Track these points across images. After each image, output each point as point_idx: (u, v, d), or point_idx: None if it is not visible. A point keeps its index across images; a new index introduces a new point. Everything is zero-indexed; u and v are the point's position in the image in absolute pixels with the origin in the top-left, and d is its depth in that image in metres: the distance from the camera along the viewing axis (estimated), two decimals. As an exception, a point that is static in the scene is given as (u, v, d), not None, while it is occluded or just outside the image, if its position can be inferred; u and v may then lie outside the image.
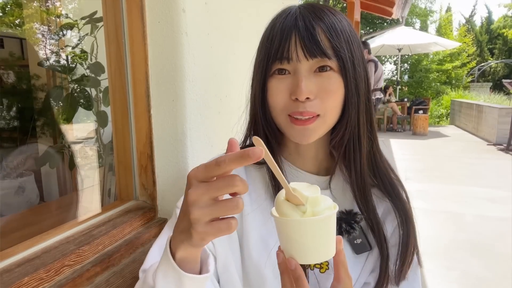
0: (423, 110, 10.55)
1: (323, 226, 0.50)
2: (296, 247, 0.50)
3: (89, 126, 1.99)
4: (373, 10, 5.53)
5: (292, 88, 0.65)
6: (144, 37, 1.04)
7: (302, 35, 0.63)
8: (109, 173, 1.52)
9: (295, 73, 0.65)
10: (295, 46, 0.64)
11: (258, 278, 0.70)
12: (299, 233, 0.49)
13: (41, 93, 2.13)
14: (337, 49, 0.64)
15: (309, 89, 0.64)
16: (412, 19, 18.59)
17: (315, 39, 0.63)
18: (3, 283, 0.66)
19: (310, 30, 0.63)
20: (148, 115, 1.06)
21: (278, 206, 0.51)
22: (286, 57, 0.65)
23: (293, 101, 0.65)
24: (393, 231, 0.74)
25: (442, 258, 3.17)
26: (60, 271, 0.76)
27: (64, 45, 2.01)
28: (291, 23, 0.65)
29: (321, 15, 0.66)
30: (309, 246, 0.50)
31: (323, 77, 0.65)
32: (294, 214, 0.49)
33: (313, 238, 0.50)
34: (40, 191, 1.99)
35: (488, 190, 5.03)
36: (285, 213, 0.49)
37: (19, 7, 2.28)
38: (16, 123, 2.18)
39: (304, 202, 0.49)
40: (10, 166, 1.95)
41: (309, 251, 0.51)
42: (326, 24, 0.64)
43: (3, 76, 2.22)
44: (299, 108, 0.65)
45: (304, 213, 0.49)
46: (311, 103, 0.65)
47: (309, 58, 0.64)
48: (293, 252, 0.51)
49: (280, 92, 0.67)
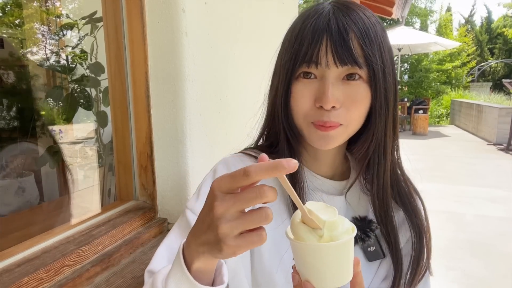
0: (423, 110, 10.55)
1: (341, 251, 0.48)
2: (313, 271, 0.49)
3: (89, 126, 1.99)
4: (373, 10, 5.52)
5: (317, 94, 0.62)
6: (144, 37, 1.04)
7: (335, 40, 0.60)
8: (109, 173, 1.52)
9: (322, 79, 0.62)
10: (326, 50, 0.60)
11: (269, 284, 0.68)
12: (316, 258, 0.48)
13: (41, 93, 2.13)
14: (369, 58, 0.60)
15: (336, 97, 0.61)
16: (412, 19, 18.59)
17: (347, 46, 0.59)
18: (3, 283, 0.66)
19: (343, 35, 0.60)
20: (148, 115, 1.06)
21: (294, 228, 0.48)
22: (315, 61, 0.61)
23: (317, 108, 0.62)
24: (407, 242, 0.73)
25: (442, 258, 3.17)
26: (60, 271, 0.76)
27: (64, 45, 2.01)
28: (324, 25, 0.61)
29: (356, 18, 0.61)
30: (326, 271, 0.48)
31: (351, 85, 0.62)
32: (311, 238, 0.47)
33: (331, 263, 0.48)
34: (40, 191, 1.99)
35: (488, 190, 5.03)
36: (302, 237, 0.47)
37: (19, 7, 2.28)
38: (16, 123, 2.18)
39: (321, 226, 0.47)
40: (10, 166, 1.95)
41: (326, 276, 0.49)
42: (360, 29, 0.60)
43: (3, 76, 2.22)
44: (323, 117, 0.62)
45: (321, 237, 0.47)
46: (336, 113, 0.62)
47: (339, 66, 0.60)
48: (309, 276, 0.49)
49: (304, 97, 0.64)
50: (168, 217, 1.11)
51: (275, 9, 1.76)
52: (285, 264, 0.67)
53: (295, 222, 0.49)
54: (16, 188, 1.83)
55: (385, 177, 0.69)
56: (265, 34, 1.59)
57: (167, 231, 1.10)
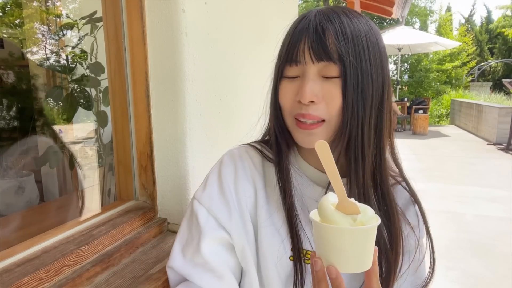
0: (423, 109, 10.55)
1: (370, 236, 0.50)
2: (340, 255, 0.50)
3: (89, 126, 1.99)
4: (373, 9, 5.52)
5: (298, 90, 0.66)
6: (144, 37, 1.04)
7: (311, 38, 0.63)
8: (109, 173, 1.52)
9: (303, 76, 0.66)
10: (303, 49, 0.64)
11: (267, 270, 0.72)
12: (348, 241, 0.49)
13: (41, 93, 2.13)
14: (342, 53, 0.62)
15: (314, 92, 0.64)
16: (412, 18, 18.59)
17: (322, 43, 0.63)
18: (3, 283, 0.66)
19: (320, 33, 0.63)
20: (148, 115, 1.06)
21: (326, 212, 0.50)
22: (295, 60, 0.65)
23: (298, 103, 0.66)
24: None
25: (442, 258, 3.17)
26: (60, 271, 0.76)
27: (64, 45, 2.01)
28: (304, 27, 0.65)
29: (335, 18, 0.64)
30: (355, 255, 0.50)
31: (330, 82, 0.64)
32: (344, 222, 0.49)
33: (361, 246, 0.50)
34: (40, 191, 1.99)
35: (488, 190, 5.03)
36: (335, 221, 0.50)
37: (19, 7, 2.28)
38: (16, 123, 2.18)
39: (358, 212, 0.50)
40: (10, 166, 1.95)
41: (353, 260, 0.51)
42: (336, 28, 0.63)
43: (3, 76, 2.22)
44: (302, 110, 0.65)
45: (354, 221, 0.50)
46: (315, 107, 0.64)
47: (315, 61, 0.64)
48: (334, 260, 0.51)
49: (287, 93, 0.68)
50: (168, 217, 1.11)
51: (275, 9, 1.76)
52: (281, 253, 0.71)
53: (328, 207, 0.51)
54: (16, 188, 1.84)
55: (365, 178, 0.68)
56: (265, 34, 1.59)
57: (167, 231, 1.11)
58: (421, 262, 0.75)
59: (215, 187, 0.74)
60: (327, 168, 0.49)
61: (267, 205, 0.74)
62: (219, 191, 0.74)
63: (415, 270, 0.74)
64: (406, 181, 0.77)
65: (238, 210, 0.73)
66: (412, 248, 0.73)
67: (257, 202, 0.74)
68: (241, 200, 0.73)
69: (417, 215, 0.76)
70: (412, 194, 0.77)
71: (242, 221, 0.73)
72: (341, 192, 0.50)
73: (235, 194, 0.74)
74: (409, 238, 0.73)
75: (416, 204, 0.76)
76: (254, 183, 0.75)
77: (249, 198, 0.74)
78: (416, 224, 0.75)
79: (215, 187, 0.74)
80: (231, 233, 0.72)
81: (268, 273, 0.72)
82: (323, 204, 0.52)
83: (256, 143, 0.81)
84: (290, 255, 0.71)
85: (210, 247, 0.71)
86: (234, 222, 0.72)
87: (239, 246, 0.72)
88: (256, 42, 1.52)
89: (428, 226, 0.76)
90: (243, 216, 0.73)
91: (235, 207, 0.73)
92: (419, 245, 0.75)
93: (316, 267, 0.53)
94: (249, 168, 0.76)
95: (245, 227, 0.73)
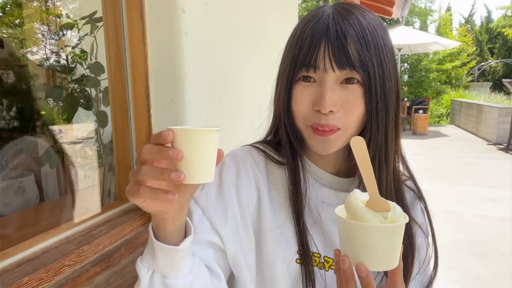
0: (423, 109, 10.56)
1: (400, 233, 0.50)
2: (370, 253, 0.50)
3: (89, 126, 1.99)
4: (373, 9, 5.52)
5: (315, 98, 0.63)
6: (144, 37, 1.04)
7: (333, 45, 0.60)
8: (109, 173, 1.52)
9: (321, 83, 0.63)
10: (324, 55, 0.61)
11: (272, 275, 0.70)
12: (379, 239, 0.49)
13: (41, 93, 2.13)
14: (366, 62, 0.60)
15: (333, 101, 0.61)
16: (412, 18, 18.59)
17: (345, 50, 0.60)
18: (3, 283, 0.66)
19: (341, 39, 0.60)
20: (148, 115, 1.06)
21: (356, 210, 0.50)
22: (314, 66, 0.62)
23: (315, 112, 0.63)
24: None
25: (443, 258, 3.17)
26: (60, 271, 0.76)
27: (64, 45, 2.01)
28: (322, 29, 0.62)
29: (354, 22, 0.62)
30: (385, 253, 0.50)
31: (349, 89, 0.62)
32: (375, 219, 0.49)
33: (391, 244, 0.50)
34: (40, 191, 1.99)
35: (488, 190, 5.03)
36: (366, 218, 0.49)
37: (19, 7, 2.28)
38: (16, 123, 2.17)
39: (389, 209, 0.50)
40: (10, 166, 1.95)
41: (383, 258, 0.50)
42: (357, 34, 0.61)
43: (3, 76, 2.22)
44: (320, 121, 0.63)
45: (385, 219, 0.49)
46: (333, 116, 0.63)
47: (336, 70, 0.61)
48: (364, 258, 0.50)
49: (303, 100, 0.65)
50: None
51: (275, 9, 1.76)
52: (287, 256, 0.69)
53: (357, 205, 0.51)
54: (16, 188, 1.83)
55: (387, 183, 0.68)
56: (265, 34, 1.59)
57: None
58: (429, 260, 0.75)
59: (213, 189, 0.72)
60: (361, 164, 0.49)
61: (272, 208, 0.71)
62: (217, 193, 0.71)
63: (424, 269, 0.74)
64: (413, 178, 0.77)
65: (239, 215, 0.70)
66: (421, 246, 0.73)
67: (260, 205, 0.71)
68: (242, 204, 0.71)
69: (423, 212, 0.76)
70: (419, 191, 0.76)
71: (242, 226, 0.70)
72: (373, 189, 0.50)
73: (236, 199, 0.71)
74: (417, 236, 0.72)
75: (422, 201, 0.76)
76: (257, 186, 0.72)
77: (251, 201, 0.72)
78: (423, 221, 0.75)
79: (213, 188, 0.72)
80: (224, 238, 0.68)
81: (274, 277, 0.69)
82: (352, 201, 0.51)
83: (259, 143, 0.78)
84: (296, 258, 0.69)
85: (199, 250, 0.67)
86: (229, 226, 0.69)
87: (231, 252, 0.69)
88: (256, 42, 1.51)
89: (432, 224, 0.76)
90: (244, 220, 0.70)
91: (234, 212, 0.70)
92: (428, 245, 0.75)
93: (344, 265, 0.51)
94: (251, 170, 0.73)
95: (245, 232, 0.70)
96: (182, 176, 0.45)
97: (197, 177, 0.47)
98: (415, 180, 0.77)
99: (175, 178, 0.45)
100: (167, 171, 0.46)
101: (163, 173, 0.46)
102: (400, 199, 0.71)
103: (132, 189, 0.49)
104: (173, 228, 0.56)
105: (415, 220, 0.73)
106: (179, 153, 0.45)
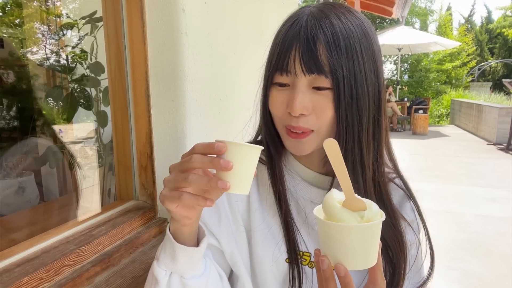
0: (423, 109, 10.56)
1: (377, 231, 0.51)
2: (348, 252, 0.50)
3: (89, 126, 1.99)
4: (373, 9, 5.52)
5: (288, 101, 0.64)
6: (144, 37, 1.04)
7: (302, 49, 0.61)
8: (109, 173, 1.52)
9: (293, 86, 0.64)
10: (294, 59, 0.62)
11: (262, 272, 0.71)
12: (357, 238, 0.49)
13: (41, 92, 2.13)
14: (334, 67, 0.60)
15: (304, 105, 0.62)
16: (412, 18, 18.58)
17: (314, 55, 0.60)
18: (3, 283, 0.66)
19: (311, 43, 0.60)
20: (148, 115, 1.06)
21: (333, 211, 0.50)
22: (286, 70, 0.63)
23: (289, 114, 0.64)
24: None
25: (443, 258, 3.17)
26: (60, 271, 0.76)
27: (64, 45, 2.01)
28: (295, 33, 0.62)
29: (327, 25, 0.61)
30: (363, 252, 0.50)
31: (320, 94, 0.63)
32: (352, 219, 0.50)
33: (369, 242, 0.50)
34: (40, 191, 1.99)
35: (488, 190, 5.03)
36: (343, 219, 0.50)
37: (19, 7, 2.28)
38: (16, 123, 2.17)
39: (366, 208, 0.50)
40: (10, 166, 1.95)
41: (362, 257, 0.51)
42: (328, 36, 0.60)
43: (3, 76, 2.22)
44: (292, 122, 0.64)
45: (362, 218, 0.50)
46: (305, 119, 0.63)
47: (306, 74, 0.62)
48: (342, 258, 0.50)
49: (277, 102, 0.66)
50: (168, 217, 1.11)
51: (275, 9, 1.76)
52: (276, 255, 0.70)
53: (334, 205, 0.51)
54: (16, 188, 1.84)
55: (367, 186, 0.68)
56: (265, 34, 1.59)
57: (167, 231, 1.10)
58: (422, 260, 0.75)
59: None
60: (336, 166, 0.49)
61: (261, 208, 0.73)
62: None
63: (417, 268, 0.74)
64: (401, 177, 0.77)
65: (230, 215, 0.73)
66: (411, 244, 0.73)
67: (250, 206, 0.73)
68: (232, 205, 0.73)
69: (413, 210, 0.76)
70: (407, 190, 0.77)
71: (234, 226, 0.72)
72: (348, 190, 0.50)
73: (226, 200, 0.73)
74: (406, 234, 0.73)
75: (411, 199, 0.76)
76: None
77: (241, 202, 0.74)
78: (413, 218, 0.76)
79: None
80: (220, 239, 0.71)
81: (264, 276, 0.71)
82: (329, 201, 0.51)
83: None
84: (286, 257, 0.70)
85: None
86: (223, 227, 0.72)
87: (228, 251, 0.72)
88: (256, 42, 1.51)
89: (425, 222, 0.76)
90: (235, 220, 0.73)
91: (225, 212, 0.72)
92: (419, 242, 0.75)
93: (323, 266, 0.52)
94: None
95: (237, 231, 0.72)
96: (228, 185, 0.48)
97: (238, 188, 0.50)
98: (403, 178, 0.77)
99: (222, 186, 0.48)
100: (215, 180, 0.49)
101: (210, 181, 0.49)
102: (386, 200, 0.71)
103: (172, 195, 0.52)
104: (190, 232, 0.60)
105: (404, 218, 0.73)
106: (230, 163, 0.48)
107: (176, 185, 0.52)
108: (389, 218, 0.71)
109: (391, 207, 0.71)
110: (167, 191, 0.53)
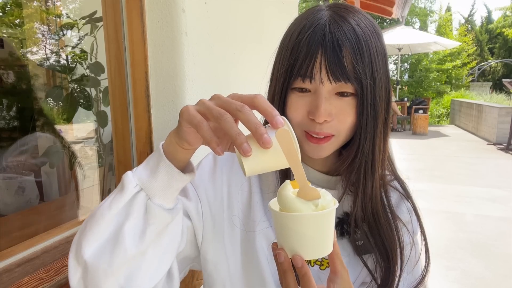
0: (423, 109, 10.56)
1: (332, 218, 0.51)
2: (304, 242, 0.50)
3: (89, 126, 1.99)
4: (373, 9, 5.52)
5: (311, 108, 0.64)
6: (144, 37, 1.04)
7: (329, 56, 0.61)
8: (109, 173, 1.52)
9: (316, 93, 0.63)
10: (320, 66, 0.62)
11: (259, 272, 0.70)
12: (312, 227, 0.49)
13: (41, 92, 2.13)
14: (359, 75, 0.61)
15: (328, 112, 0.63)
16: (412, 18, 18.59)
17: (341, 63, 0.60)
18: (3, 283, 0.66)
19: (337, 51, 0.60)
20: (148, 115, 1.07)
21: (287, 202, 0.50)
22: (309, 76, 0.62)
23: (310, 120, 0.64)
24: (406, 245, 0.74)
25: (442, 258, 3.17)
26: (60, 271, 0.76)
27: (64, 45, 2.01)
28: (319, 39, 0.62)
29: (350, 31, 0.62)
30: (319, 240, 0.51)
31: (343, 100, 0.64)
32: (307, 208, 0.49)
33: (324, 231, 0.50)
34: (40, 191, 1.99)
35: (488, 190, 5.04)
36: (298, 208, 0.49)
37: (19, 7, 2.28)
38: (16, 123, 2.17)
39: (320, 197, 0.50)
40: (10, 166, 1.95)
41: (318, 245, 0.51)
42: (353, 44, 0.61)
43: (3, 76, 2.22)
44: (315, 129, 0.64)
45: (316, 206, 0.50)
46: (328, 125, 0.64)
47: (332, 82, 0.62)
48: (299, 248, 0.51)
49: (298, 108, 0.66)
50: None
51: (275, 9, 1.76)
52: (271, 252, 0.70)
53: (288, 195, 0.51)
54: (16, 188, 1.83)
55: (374, 191, 0.69)
56: (265, 34, 1.59)
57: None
58: (417, 260, 0.75)
59: (207, 168, 0.74)
60: (288, 155, 0.48)
61: (261, 200, 0.73)
62: (210, 173, 0.74)
63: (411, 269, 0.74)
64: (397, 178, 0.78)
65: (226, 200, 0.72)
66: (406, 245, 0.73)
67: (251, 197, 0.73)
68: (231, 193, 0.73)
69: (409, 211, 0.76)
70: (404, 191, 0.77)
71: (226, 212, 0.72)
72: (302, 179, 0.50)
73: (226, 186, 0.73)
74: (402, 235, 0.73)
75: (409, 200, 0.77)
76: (249, 181, 0.74)
77: (241, 192, 0.73)
78: (409, 220, 0.75)
79: (207, 168, 0.74)
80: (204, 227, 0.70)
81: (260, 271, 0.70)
82: (283, 192, 0.51)
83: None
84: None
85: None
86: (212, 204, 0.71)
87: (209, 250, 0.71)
88: (256, 42, 1.51)
89: (422, 223, 0.76)
90: (230, 207, 0.72)
91: (221, 195, 0.72)
92: (414, 242, 0.75)
93: (280, 258, 0.52)
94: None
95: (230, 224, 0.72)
96: (249, 154, 0.46)
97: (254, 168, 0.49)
98: (400, 179, 0.78)
99: (244, 149, 0.45)
100: (242, 139, 0.46)
101: (238, 136, 0.46)
102: (387, 200, 0.72)
103: (196, 117, 0.49)
104: (184, 158, 0.56)
105: (400, 218, 0.73)
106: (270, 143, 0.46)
107: (207, 113, 0.49)
108: (388, 218, 0.71)
109: (390, 207, 0.72)
110: (194, 111, 0.50)
